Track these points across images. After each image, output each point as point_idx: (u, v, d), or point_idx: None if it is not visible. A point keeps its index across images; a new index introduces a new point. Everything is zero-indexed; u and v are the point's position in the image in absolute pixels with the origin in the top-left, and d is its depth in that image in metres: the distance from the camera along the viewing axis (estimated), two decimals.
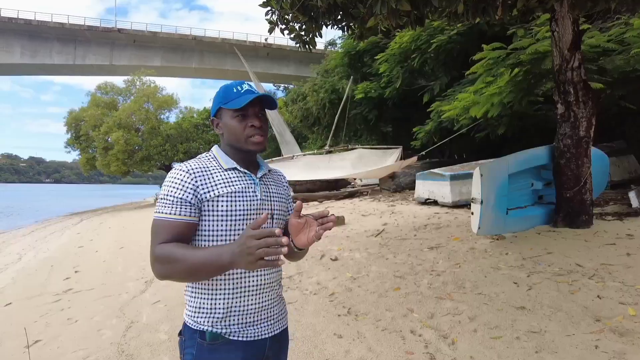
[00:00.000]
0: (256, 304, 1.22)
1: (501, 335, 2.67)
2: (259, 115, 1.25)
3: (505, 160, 5.10)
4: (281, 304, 1.34)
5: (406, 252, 4.92)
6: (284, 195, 1.35)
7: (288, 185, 1.44)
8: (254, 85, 1.28)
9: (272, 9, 3.88)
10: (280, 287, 1.33)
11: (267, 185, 1.29)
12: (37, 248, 10.00)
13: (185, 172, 1.17)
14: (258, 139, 1.24)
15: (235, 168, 1.25)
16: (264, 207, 1.24)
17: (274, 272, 1.27)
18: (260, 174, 1.29)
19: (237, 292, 1.19)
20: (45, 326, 3.88)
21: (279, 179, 1.39)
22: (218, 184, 1.19)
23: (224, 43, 39.53)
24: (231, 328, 1.19)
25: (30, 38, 37.20)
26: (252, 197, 1.22)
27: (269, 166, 1.40)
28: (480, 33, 10.73)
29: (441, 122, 10.87)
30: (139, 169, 24.97)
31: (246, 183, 1.23)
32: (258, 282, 1.21)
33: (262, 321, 1.23)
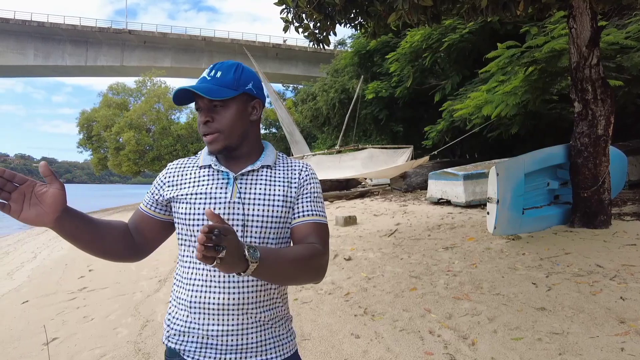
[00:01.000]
0: (218, 325, 1.02)
1: (522, 337, 2.63)
2: (210, 107, 1.05)
3: (521, 159, 5.04)
4: (266, 332, 1.06)
5: (421, 252, 4.88)
6: (277, 197, 1.07)
7: (302, 182, 1.13)
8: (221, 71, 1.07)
9: (287, 8, 3.87)
10: (267, 311, 1.06)
11: (249, 185, 1.07)
12: (51, 247, 10.12)
13: (166, 169, 1.17)
14: (206, 138, 1.07)
15: (209, 165, 1.10)
16: (234, 211, 1.04)
17: (249, 293, 1.02)
18: (246, 170, 1.09)
19: (195, 307, 1.03)
20: (62, 324, 3.91)
21: (283, 175, 1.12)
22: (184, 183, 1.10)
23: (233, 43, 39.77)
24: (187, 346, 1.05)
25: (43, 40, 37.80)
26: (219, 199, 1.04)
27: (281, 159, 1.18)
28: (492, 31, 10.64)
29: (453, 122, 10.80)
30: (150, 169, 25.20)
31: (216, 183, 1.07)
32: (221, 301, 1.01)
33: (227, 348, 1.02)
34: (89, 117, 25.60)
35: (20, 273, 6.96)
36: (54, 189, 0.90)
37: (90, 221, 1.02)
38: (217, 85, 1.04)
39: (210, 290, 1.02)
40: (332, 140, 21.44)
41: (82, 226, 0.99)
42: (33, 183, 0.90)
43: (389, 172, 11.78)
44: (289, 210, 1.08)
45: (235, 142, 1.08)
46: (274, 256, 0.91)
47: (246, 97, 1.09)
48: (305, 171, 1.14)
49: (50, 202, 0.90)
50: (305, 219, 1.08)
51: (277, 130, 27.63)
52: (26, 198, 0.90)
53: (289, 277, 0.98)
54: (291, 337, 1.14)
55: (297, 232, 1.08)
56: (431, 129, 12.43)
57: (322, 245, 1.05)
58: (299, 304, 3.61)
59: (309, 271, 1.01)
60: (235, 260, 0.79)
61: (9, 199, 0.88)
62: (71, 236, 0.99)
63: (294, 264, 0.96)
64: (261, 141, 1.18)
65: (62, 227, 0.95)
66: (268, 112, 34.87)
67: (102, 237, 1.04)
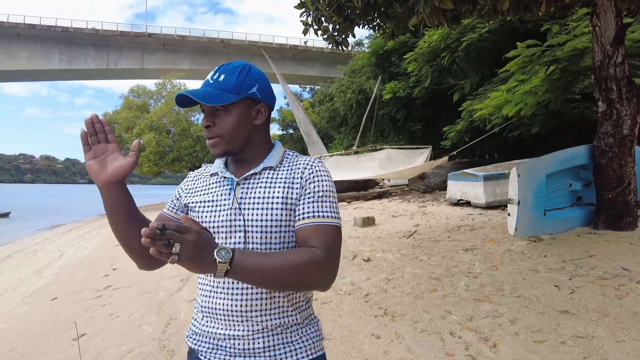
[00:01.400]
0: (225, 330, 1.03)
1: (545, 339, 2.61)
2: (212, 111, 1.05)
3: (542, 160, 4.98)
4: (275, 338, 1.03)
5: (440, 254, 4.86)
6: (276, 199, 1.03)
7: (304, 182, 1.05)
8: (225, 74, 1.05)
9: (306, 11, 3.92)
10: (274, 319, 1.03)
11: (250, 189, 1.05)
12: (76, 246, 10.42)
13: (187, 177, 1.21)
14: (208, 142, 1.07)
15: (216, 173, 1.11)
16: (235, 217, 1.03)
17: (253, 300, 1.01)
18: (248, 174, 1.07)
19: (206, 311, 1.07)
20: (90, 321, 4.04)
21: (285, 176, 1.06)
22: (197, 191, 1.13)
23: (250, 45, 40.14)
24: (201, 346, 1.08)
25: (67, 45, 38.86)
26: (223, 206, 1.05)
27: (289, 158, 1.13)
28: (512, 30, 10.50)
29: (472, 122, 10.70)
30: (170, 170, 25.64)
31: (221, 190, 1.07)
32: (225, 307, 1.02)
33: (235, 351, 1.03)
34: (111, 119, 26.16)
35: (48, 271, 7.19)
36: (126, 161, 0.98)
37: (133, 206, 1.05)
38: (218, 90, 1.02)
39: (216, 295, 1.04)
40: (349, 141, 21.45)
41: (124, 205, 1.02)
42: (117, 148, 1.00)
43: (407, 172, 11.73)
44: (290, 212, 1.02)
45: (238, 147, 1.07)
46: (254, 259, 0.89)
47: (249, 101, 1.06)
48: (309, 169, 1.06)
49: (115, 167, 0.98)
50: (306, 221, 1.00)
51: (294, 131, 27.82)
52: (104, 153, 0.99)
53: (276, 282, 0.92)
54: (308, 343, 1.07)
55: (298, 235, 1.01)
56: (450, 129, 12.34)
57: (322, 249, 0.96)
58: (319, 304, 3.65)
59: (301, 277, 0.93)
60: (198, 259, 0.79)
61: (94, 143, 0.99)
62: (112, 208, 1.02)
63: (280, 268, 0.90)
64: (270, 142, 1.15)
65: (109, 193, 1.00)
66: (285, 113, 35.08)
67: (135, 225, 1.03)
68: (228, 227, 1.03)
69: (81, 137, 0.99)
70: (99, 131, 1.00)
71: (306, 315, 1.10)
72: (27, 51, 38.08)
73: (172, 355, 3.02)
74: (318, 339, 1.11)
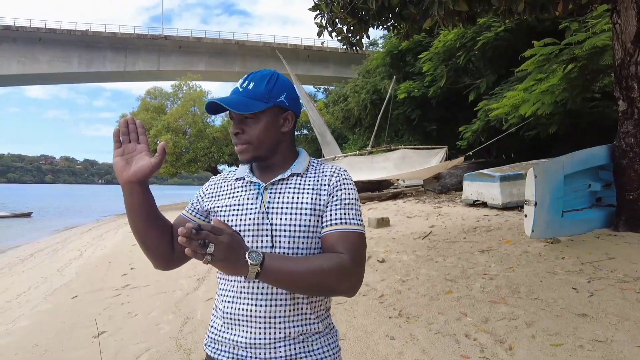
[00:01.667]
0: (246, 337, 1.02)
1: (562, 343, 2.58)
2: (241, 118, 1.07)
3: (560, 160, 4.90)
4: (296, 347, 1.03)
5: (456, 255, 4.83)
6: (305, 205, 1.05)
7: (331, 189, 1.08)
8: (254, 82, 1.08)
9: (321, 13, 3.94)
10: (296, 327, 1.03)
11: (278, 194, 1.07)
12: (95, 245, 10.63)
13: (209, 182, 1.22)
14: (237, 148, 1.08)
15: (242, 178, 1.14)
16: (263, 221, 1.04)
17: (277, 305, 1.02)
18: (275, 179, 1.09)
19: (227, 318, 1.06)
20: (109, 319, 4.13)
21: (312, 182, 1.09)
22: (221, 195, 1.14)
23: (265, 47, 40.35)
24: (221, 355, 1.07)
25: (86, 48, 39.67)
26: (250, 210, 1.06)
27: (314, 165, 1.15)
28: (529, 29, 10.35)
29: (489, 121, 10.58)
30: (186, 171, 25.96)
31: (248, 194, 1.09)
32: (249, 312, 1.02)
33: (257, 359, 1.02)
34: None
35: (68, 269, 7.36)
36: (150, 161, 1.02)
37: (153, 207, 1.07)
38: (247, 98, 1.04)
39: (240, 301, 1.04)
40: (363, 141, 21.40)
41: (144, 205, 1.04)
42: (146, 149, 1.05)
43: (422, 173, 11.66)
44: (318, 219, 1.04)
45: (265, 154, 1.09)
46: (284, 263, 0.92)
47: (278, 109, 1.08)
48: (336, 177, 1.09)
49: (138, 166, 1.02)
50: (333, 227, 1.02)
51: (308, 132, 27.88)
52: (132, 152, 1.04)
53: (304, 286, 0.95)
54: (329, 353, 1.07)
55: (325, 241, 1.03)
56: (466, 129, 12.22)
57: (350, 255, 0.98)
58: (333, 305, 3.66)
59: (328, 281, 0.95)
60: (230, 260, 0.82)
61: (125, 142, 1.04)
62: (132, 206, 1.04)
63: (308, 272, 0.93)
64: (295, 149, 1.17)
65: (130, 192, 1.03)
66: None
67: (154, 225, 1.07)
68: (255, 230, 1.04)
69: (113, 134, 1.04)
70: (131, 131, 1.05)
71: (327, 324, 1.11)
72: (48, 55, 39.02)
73: (189, 354, 3.08)
74: (337, 349, 1.12)
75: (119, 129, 1.04)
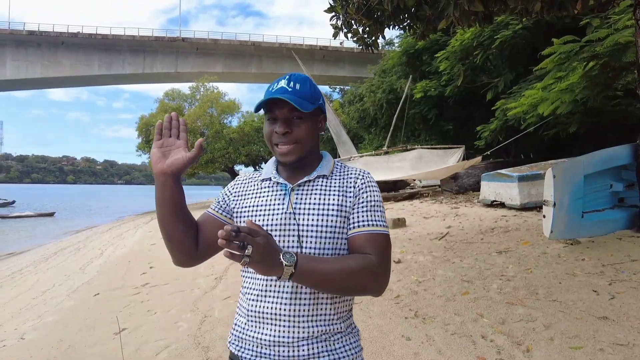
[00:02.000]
0: (270, 335, 1.04)
1: (582, 346, 2.54)
2: (289, 118, 1.07)
3: (580, 160, 4.81)
4: (318, 346, 1.05)
5: (473, 256, 4.79)
6: (332, 206, 1.07)
7: (357, 191, 1.10)
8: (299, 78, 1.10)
9: (336, 15, 3.97)
10: (319, 326, 1.05)
11: (304, 195, 1.09)
12: (115, 244, 10.84)
13: (234, 181, 1.24)
14: (281, 148, 1.07)
15: (269, 178, 1.15)
16: (290, 221, 1.06)
17: (302, 305, 1.04)
18: (302, 181, 1.10)
19: (252, 316, 1.08)
20: (129, 316, 4.22)
21: (338, 184, 1.11)
22: (247, 195, 1.15)
23: (281, 47, 40.53)
24: (244, 352, 1.08)
25: (106, 51, 40.56)
26: (276, 211, 1.08)
27: (338, 167, 1.18)
28: (548, 26, 10.16)
29: (507, 121, 10.42)
30: (204, 171, 26.25)
31: (275, 195, 1.11)
32: (274, 310, 1.04)
33: (280, 358, 1.03)
34: (148, 122, 27.05)
35: (90, 268, 7.54)
36: (186, 155, 1.06)
37: (182, 202, 1.09)
38: (299, 98, 1.05)
39: (265, 299, 1.05)
40: (379, 141, 21.33)
41: (174, 198, 1.07)
42: (184, 145, 1.09)
43: (439, 173, 11.57)
44: (344, 220, 1.06)
45: (306, 154, 1.10)
46: (316, 263, 0.94)
47: (318, 111, 1.12)
48: (361, 179, 1.11)
49: (173, 159, 1.06)
50: (361, 229, 1.05)
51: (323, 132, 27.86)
52: (170, 146, 1.08)
53: (335, 286, 0.97)
54: (350, 352, 1.09)
55: (352, 242, 1.05)
56: (484, 129, 12.07)
57: (377, 256, 1.01)
58: None
59: (358, 282, 0.98)
60: (267, 261, 0.84)
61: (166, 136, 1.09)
62: (162, 199, 1.07)
63: (339, 273, 0.95)
64: (320, 152, 1.20)
65: (162, 184, 1.06)
66: None
67: (180, 220, 1.09)
68: (281, 231, 1.06)
69: (156, 127, 1.09)
70: (173, 127, 1.10)
71: (348, 324, 1.13)
72: (70, 58, 40.04)
73: (207, 352, 3.13)
74: (359, 348, 1.13)
75: (162, 122, 1.09)
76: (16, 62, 39.35)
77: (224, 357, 2.96)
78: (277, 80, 1.11)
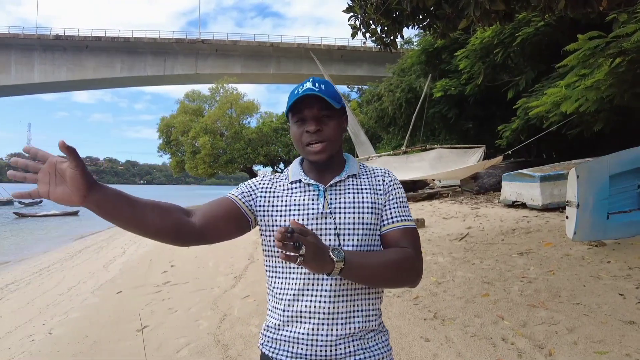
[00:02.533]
0: (308, 332, 1.04)
1: (607, 351, 2.48)
2: (318, 117, 1.07)
3: (605, 160, 4.68)
4: (355, 344, 1.07)
5: (494, 258, 4.72)
6: (366, 204, 1.10)
7: (387, 188, 1.15)
8: (321, 80, 1.11)
9: (354, 15, 3.96)
10: (357, 323, 1.07)
11: (338, 195, 1.11)
12: (137, 243, 11.06)
13: (257, 178, 1.22)
14: (314, 147, 1.08)
15: (299, 180, 1.15)
16: (325, 220, 1.07)
17: (341, 302, 1.05)
18: (334, 181, 1.12)
19: (288, 316, 1.08)
20: (151, 314, 4.30)
21: (368, 183, 1.15)
22: (276, 196, 1.14)
23: (299, 48, 40.61)
24: (279, 354, 1.08)
25: (128, 54, 41.42)
26: (312, 211, 1.08)
27: (363, 167, 1.21)
28: (572, 22, 9.89)
29: (528, 120, 10.20)
30: (223, 171, 26.58)
31: (308, 195, 1.11)
32: (313, 309, 1.04)
33: (316, 357, 1.04)
34: (168, 123, 27.58)
35: (113, 266, 7.72)
36: (69, 168, 0.87)
37: (129, 199, 0.98)
38: (328, 96, 1.06)
39: (302, 298, 1.05)
40: (397, 141, 21.17)
41: (120, 205, 0.95)
42: (53, 160, 0.89)
43: (459, 173, 11.40)
44: (377, 216, 1.11)
45: (334, 153, 1.12)
46: (362, 258, 0.98)
47: (342, 110, 1.14)
48: (388, 177, 1.17)
49: (70, 181, 0.87)
50: (395, 225, 1.10)
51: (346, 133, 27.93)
52: (51, 177, 0.88)
53: (381, 279, 1.01)
54: (383, 351, 1.11)
55: (387, 238, 1.09)
56: (505, 128, 11.84)
57: (414, 249, 1.07)
58: None
59: (401, 274, 1.03)
60: (319, 259, 0.86)
61: (36, 180, 0.88)
62: (110, 215, 0.95)
63: (384, 266, 1.00)
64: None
65: (96, 206, 0.92)
66: None
67: (143, 215, 0.98)
68: (317, 231, 1.07)
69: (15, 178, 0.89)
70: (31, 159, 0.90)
71: (380, 322, 1.15)
72: (93, 61, 41.07)
73: (227, 350, 3.17)
74: (390, 347, 1.15)
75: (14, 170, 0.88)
76: (43, 66, 40.59)
77: (244, 356, 3.00)
78: (301, 84, 1.11)
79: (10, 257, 12.02)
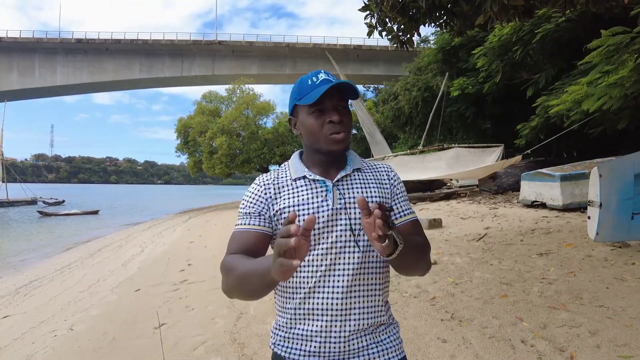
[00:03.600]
0: (321, 331, 1.03)
1: (632, 355, 2.41)
2: (338, 107, 1.07)
3: (630, 158, 4.55)
4: (367, 338, 1.07)
5: (512, 258, 4.64)
6: (374, 198, 1.10)
7: (393, 182, 1.16)
8: (331, 74, 1.10)
9: (370, 13, 3.94)
10: (369, 319, 1.06)
11: (347, 190, 1.09)
12: (155, 242, 11.24)
13: (258, 185, 1.13)
14: (339, 136, 1.06)
15: (303, 177, 1.11)
16: (337, 216, 1.05)
17: (352, 298, 1.04)
18: (340, 176, 1.10)
19: (300, 314, 1.06)
20: (169, 311, 4.36)
21: (373, 177, 1.15)
22: (284, 196, 1.09)
23: (315, 48, 40.69)
24: (291, 353, 1.06)
25: (146, 55, 42.17)
26: (322, 207, 1.05)
27: (363, 162, 1.19)
28: (595, 17, 9.63)
29: (548, 118, 9.99)
30: (240, 171, 26.77)
31: (315, 192, 1.08)
32: (325, 306, 1.03)
33: (329, 354, 1.03)
34: (186, 124, 27.87)
35: (132, 264, 7.84)
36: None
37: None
38: (352, 87, 1.08)
39: (315, 295, 1.04)
40: (414, 140, 21.00)
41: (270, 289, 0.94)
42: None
43: (477, 172, 11.24)
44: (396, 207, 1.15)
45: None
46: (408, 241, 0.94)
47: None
48: (391, 172, 1.19)
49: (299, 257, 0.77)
50: (407, 217, 1.14)
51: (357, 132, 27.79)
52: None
53: (412, 264, 1.04)
54: (395, 343, 1.11)
55: (401, 230, 1.09)
56: (524, 127, 11.63)
57: (424, 238, 1.13)
58: None
59: (426, 258, 1.09)
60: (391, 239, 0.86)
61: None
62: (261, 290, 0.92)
63: (421, 249, 1.06)
64: None
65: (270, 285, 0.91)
66: None
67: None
68: (329, 227, 1.04)
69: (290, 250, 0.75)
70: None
71: (389, 315, 1.15)
72: (113, 64, 41.95)
73: (242, 348, 3.19)
74: (401, 340, 1.15)
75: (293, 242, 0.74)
76: (65, 68, 41.67)
77: (259, 354, 3.01)
78: (309, 76, 1.10)
79: (32, 255, 12.34)
